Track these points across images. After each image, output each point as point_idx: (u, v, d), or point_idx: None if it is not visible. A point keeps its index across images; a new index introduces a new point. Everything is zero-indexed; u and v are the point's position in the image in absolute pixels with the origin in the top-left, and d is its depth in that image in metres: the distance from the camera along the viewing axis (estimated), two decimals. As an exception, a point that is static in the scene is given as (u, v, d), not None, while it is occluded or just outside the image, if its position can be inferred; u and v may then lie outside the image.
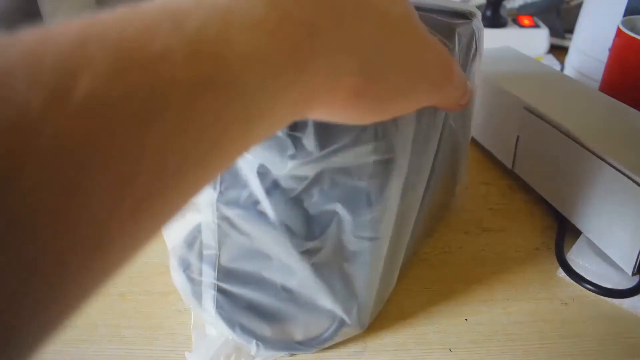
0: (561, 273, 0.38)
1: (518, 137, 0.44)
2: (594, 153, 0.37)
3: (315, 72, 0.16)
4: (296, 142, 0.23)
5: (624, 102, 0.43)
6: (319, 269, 0.28)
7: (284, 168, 0.24)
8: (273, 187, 0.26)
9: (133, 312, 0.35)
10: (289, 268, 0.28)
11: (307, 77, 0.16)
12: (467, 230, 0.42)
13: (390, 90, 0.20)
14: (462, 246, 0.41)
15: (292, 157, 0.24)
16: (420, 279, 0.38)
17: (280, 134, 0.23)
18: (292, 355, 0.32)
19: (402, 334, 0.34)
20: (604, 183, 0.36)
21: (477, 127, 0.51)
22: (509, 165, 0.47)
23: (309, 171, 0.25)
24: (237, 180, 0.26)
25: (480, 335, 0.34)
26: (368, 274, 0.30)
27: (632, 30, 0.47)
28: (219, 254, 0.29)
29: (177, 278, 0.31)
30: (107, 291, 0.37)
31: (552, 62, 0.68)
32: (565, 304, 0.36)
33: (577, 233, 0.40)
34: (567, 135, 0.39)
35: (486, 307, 0.36)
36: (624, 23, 0.48)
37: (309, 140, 0.23)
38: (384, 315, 0.35)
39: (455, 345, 0.33)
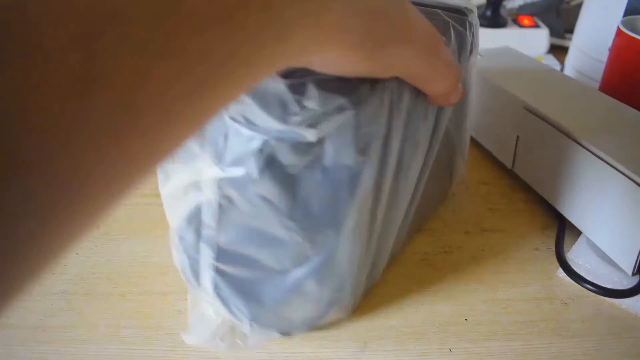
0: (561, 273, 0.38)
1: (518, 137, 0.44)
2: (593, 153, 0.37)
3: (332, 7, 0.18)
4: (299, 102, 0.25)
5: (624, 102, 0.43)
6: (315, 248, 0.29)
7: (291, 123, 0.25)
8: (273, 165, 0.26)
9: (133, 312, 0.35)
10: (285, 248, 0.29)
11: (326, 10, 0.17)
12: (467, 230, 0.42)
13: (383, 40, 0.22)
14: (462, 246, 0.41)
15: (297, 114, 0.25)
16: (420, 279, 0.38)
17: (283, 92, 0.24)
18: (285, 336, 0.33)
19: (402, 333, 0.34)
20: (603, 183, 0.36)
21: (477, 127, 0.51)
22: (509, 165, 0.47)
23: (313, 134, 0.25)
24: (240, 158, 0.26)
25: (480, 335, 0.34)
26: (356, 253, 0.30)
27: (632, 30, 0.47)
28: (218, 234, 0.29)
29: (177, 256, 0.32)
30: (107, 291, 0.37)
31: (552, 62, 0.68)
32: (565, 304, 0.36)
33: (577, 233, 0.40)
34: (567, 135, 0.39)
35: (486, 307, 0.36)
36: (624, 23, 0.48)
37: (310, 101, 0.24)
38: (384, 315, 0.35)
39: (455, 345, 0.33)
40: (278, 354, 0.32)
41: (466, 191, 0.47)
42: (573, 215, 0.40)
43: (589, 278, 0.37)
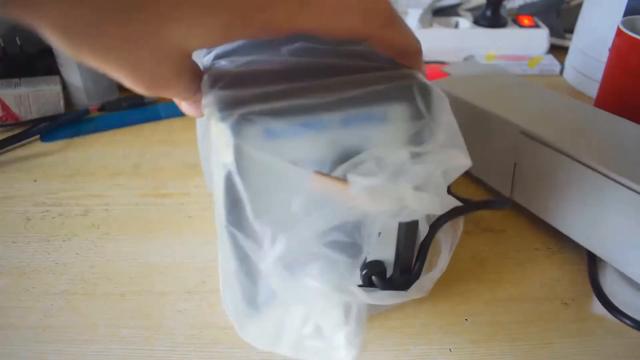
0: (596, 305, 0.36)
1: (515, 164, 0.42)
2: (599, 172, 0.35)
3: None
4: None
5: (625, 103, 0.42)
6: None
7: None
8: None
9: (133, 312, 0.35)
10: None
11: None
12: (467, 230, 0.42)
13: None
14: (462, 246, 0.41)
15: None
16: (420, 279, 0.38)
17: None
18: None
19: (402, 334, 0.34)
20: (614, 202, 0.34)
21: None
22: (507, 194, 0.44)
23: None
24: None
25: (480, 335, 0.34)
26: None
27: (632, 30, 0.47)
28: None
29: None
30: (107, 291, 0.37)
31: (552, 62, 0.69)
32: (565, 304, 0.36)
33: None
34: (569, 156, 0.37)
35: (486, 307, 0.36)
36: (624, 23, 0.48)
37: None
38: (384, 316, 0.35)
39: (455, 345, 0.33)
40: (278, 354, 0.32)
41: (466, 191, 0.47)
42: (584, 238, 0.38)
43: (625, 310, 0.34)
